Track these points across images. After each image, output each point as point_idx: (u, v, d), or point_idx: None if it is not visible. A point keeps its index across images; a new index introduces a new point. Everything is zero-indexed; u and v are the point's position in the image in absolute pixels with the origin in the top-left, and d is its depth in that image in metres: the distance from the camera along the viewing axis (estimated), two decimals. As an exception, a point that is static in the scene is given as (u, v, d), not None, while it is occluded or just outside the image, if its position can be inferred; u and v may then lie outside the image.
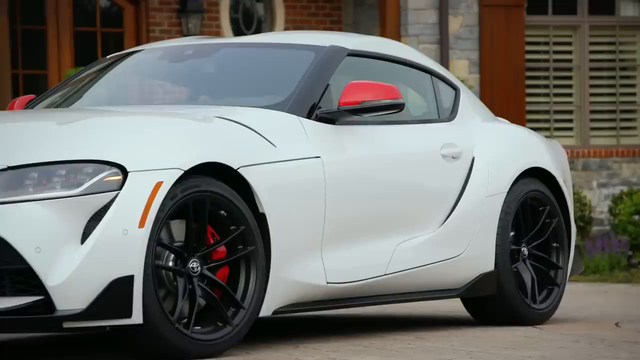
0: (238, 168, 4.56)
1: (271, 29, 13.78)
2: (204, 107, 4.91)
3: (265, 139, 4.73)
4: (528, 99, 12.50)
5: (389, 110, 5.00)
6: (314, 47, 5.23)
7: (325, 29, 13.81)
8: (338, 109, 4.99)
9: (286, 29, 13.75)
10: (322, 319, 6.05)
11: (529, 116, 12.47)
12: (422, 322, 5.78)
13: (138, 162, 4.30)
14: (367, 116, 5.04)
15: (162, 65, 5.46)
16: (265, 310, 4.63)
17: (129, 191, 4.25)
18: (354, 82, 5.00)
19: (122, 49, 13.19)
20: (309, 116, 4.95)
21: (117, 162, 4.27)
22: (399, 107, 5.01)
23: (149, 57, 5.53)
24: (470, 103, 5.72)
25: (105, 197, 4.22)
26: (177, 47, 5.50)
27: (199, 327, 4.43)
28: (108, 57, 5.69)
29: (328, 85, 5.06)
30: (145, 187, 4.29)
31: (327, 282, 4.86)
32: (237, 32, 13.63)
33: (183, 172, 4.38)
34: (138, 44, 13.10)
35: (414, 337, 5.04)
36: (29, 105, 5.52)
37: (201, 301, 4.45)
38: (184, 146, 4.43)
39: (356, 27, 13.36)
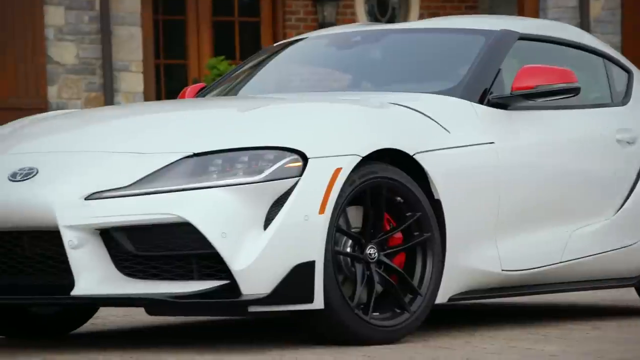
0: (414, 154, 4.54)
1: (406, 16, 13.73)
2: (377, 94, 4.90)
3: (440, 124, 4.70)
4: (672, 84, 12.20)
5: (564, 95, 4.93)
6: (484, 32, 5.18)
7: (460, 15, 13.68)
8: (511, 93, 4.93)
9: (421, 15, 13.68)
10: (494, 306, 6.00)
11: (673, 101, 12.17)
12: (591, 311, 5.68)
13: (317, 149, 4.31)
14: (540, 101, 4.97)
15: (328, 52, 5.47)
16: (441, 297, 4.61)
17: (309, 177, 4.27)
18: (527, 66, 4.93)
19: (259, 39, 13.31)
20: (480, 101, 4.91)
21: (298, 148, 4.28)
22: (575, 91, 4.93)
23: (314, 44, 5.55)
24: (643, 86, 5.60)
25: (286, 184, 4.24)
26: (344, 33, 5.50)
27: (377, 313, 4.42)
28: (275, 44, 5.74)
29: (499, 69, 5.01)
30: (324, 174, 4.30)
31: (502, 270, 4.81)
32: (372, 19, 13.62)
33: (361, 158, 4.38)
34: (274, 32, 13.20)
35: (590, 327, 4.95)
36: (200, 93, 5.59)
37: (378, 287, 4.45)
38: (362, 132, 4.43)
39: (492, 13, 13.21)
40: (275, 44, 5.75)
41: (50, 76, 11.66)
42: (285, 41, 5.71)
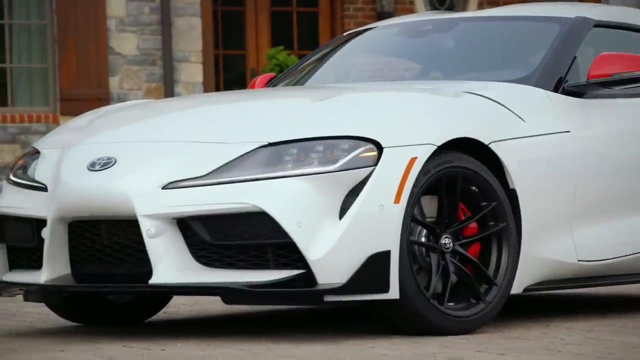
0: (489, 143, 4.49)
1: (464, 5, 13.63)
2: (450, 83, 4.85)
3: (515, 113, 4.65)
4: None
5: (642, 83, 4.85)
6: (558, 19, 5.11)
7: (520, 3, 13.55)
8: (587, 82, 4.87)
9: (480, 4, 13.57)
10: (567, 297, 5.93)
11: None
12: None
13: (392, 138, 4.28)
14: (617, 89, 4.90)
15: (399, 42, 5.43)
16: (517, 288, 4.56)
17: (384, 167, 4.24)
18: (604, 54, 4.86)
19: (317, 29, 13.28)
20: (556, 90, 4.85)
21: (373, 138, 4.26)
22: (653, 79, 4.85)
23: (384, 33, 5.51)
24: None
25: (361, 173, 4.22)
26: (414, 22, 5.46)
27: (452, 304, 4.39)
28: (344, 34, 5.71)
29: (575, 57, 4.95)
30: (400, 163, 4.27)
31: (578, 260, 4.75)
32: (431, 8, 13.53)
33: (436, 147, 4.34)
34: (332, 22, 13.17)
35: (666, 318, 4.89)
36: (270, 83, 5.57)
37: (453, 277, 4.42)
38: (437, 122, 4.40)
39: (554, 0, 13.07)
40: (344, 34, 5.72)
41: (111, 67, 11.74)
42: (354, 30, 5.68)
